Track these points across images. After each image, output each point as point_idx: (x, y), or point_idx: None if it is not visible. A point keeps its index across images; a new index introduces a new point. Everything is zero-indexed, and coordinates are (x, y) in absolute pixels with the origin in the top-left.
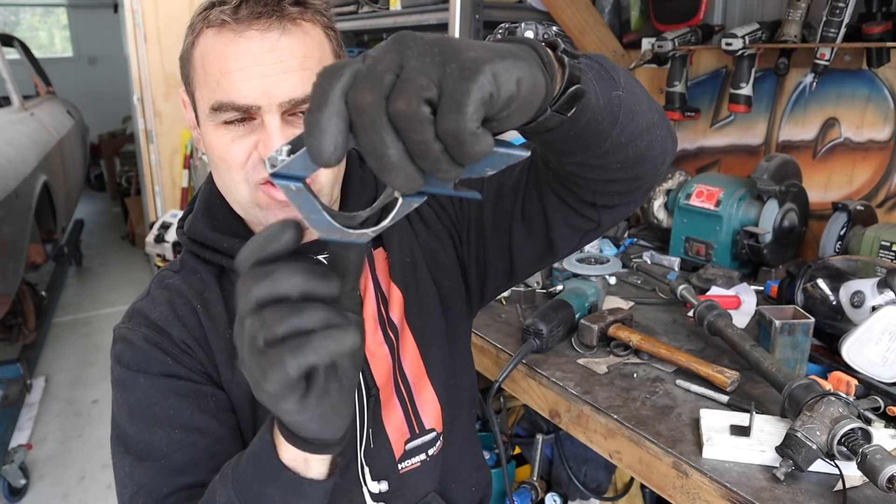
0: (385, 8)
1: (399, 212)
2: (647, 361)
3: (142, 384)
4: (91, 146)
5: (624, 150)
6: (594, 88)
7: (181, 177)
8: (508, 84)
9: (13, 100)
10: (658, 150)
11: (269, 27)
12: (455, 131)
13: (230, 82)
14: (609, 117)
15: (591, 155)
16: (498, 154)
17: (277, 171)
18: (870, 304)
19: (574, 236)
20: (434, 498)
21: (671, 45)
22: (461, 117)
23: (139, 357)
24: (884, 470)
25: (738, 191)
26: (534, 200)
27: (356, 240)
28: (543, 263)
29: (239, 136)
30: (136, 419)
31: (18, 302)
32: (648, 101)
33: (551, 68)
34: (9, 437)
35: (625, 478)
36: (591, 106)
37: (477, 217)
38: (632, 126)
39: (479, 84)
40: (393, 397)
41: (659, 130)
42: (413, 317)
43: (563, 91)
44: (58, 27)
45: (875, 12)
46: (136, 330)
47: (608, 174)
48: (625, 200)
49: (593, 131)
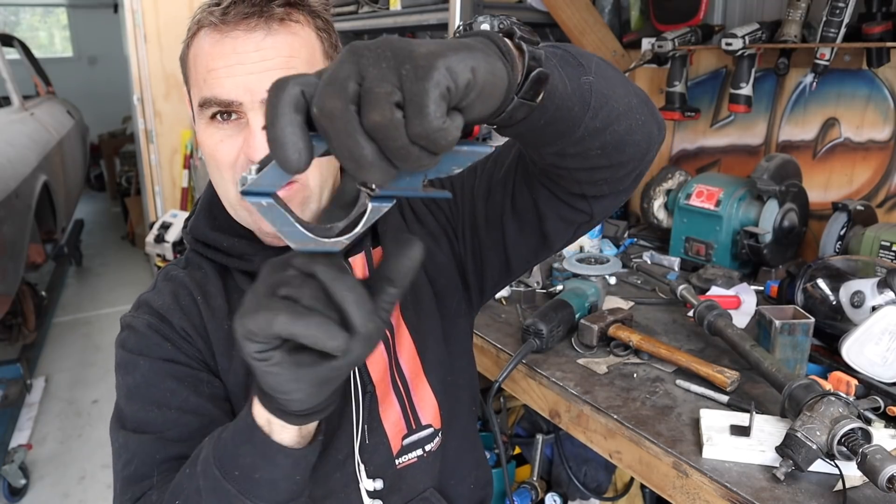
0: (385, 8)
1: (370, 217)
2: (647, 361)
3: (141, 366)
4: (91, 146)
5: (601, 135)
6: (560, 74)
7: (181, 177)
8: (463, 73)
9: (13, 100)
10: (640, 135)
11: (254, 27)
12: (424, 133)
13: (214, 78)
14: (580, 102)
15: (567, 143)
16: (462, 152)
17: (247, 188)
18: (870, 304)
19: (567, 229)
20: (432, 494)
21: (671, 45)
22: (426, 119)
23: (141, 342)
24: (884, 470)
25: (738, 191)
26: (524, 195)
27: (331, 248)
28: (539, 257)
29: (227, 135)
30: (134, 399)
31: (18, 302)
32: (625, 86)
33: (510, 56)
34: (9, 437)
35: (625, 478)
36: (558, 92)
37: (470, 214)
38: (606, 110)
39: (434, 81)
40: (390, 393)
41: (639, 114)
42: (409, 315)
43: (526, 77)
44: (58, 27)
45: (875, 12)
46: (140, 317)
47: (589, 161)
48: (614, 189)
49: (564, 117)
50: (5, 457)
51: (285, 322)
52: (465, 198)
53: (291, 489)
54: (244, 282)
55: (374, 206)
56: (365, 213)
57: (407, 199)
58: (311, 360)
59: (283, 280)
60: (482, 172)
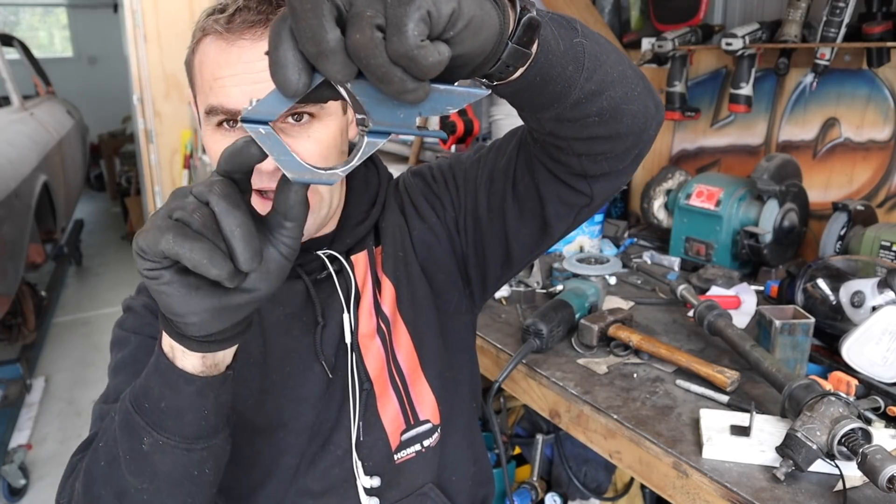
0: None
1: (365, 151)
2: (647, 361)
3: (132, 342)
4: (91, 146)
5: (597, 99)
6: (552, 32)
7: (181, 177)
8: (448, 2)
9: (13, 100)
10: (637, 106)
11: (260, 36)
12: (402, 50)
13: (220, 87)
14: (573, 63)
15: (564, 107)
16: (456, 92)
17: (246, 115)
18: (870, 304)
19: (569, 213)
20: (431, 489)
21: (671, 45)
22: (404, 38)
23: (136, 321)
24: (884, 470)
25: (738, 191)
26: (526, 180)
27: (327, 179)
28: (540, 246)
29: (231, 139)
30: (119, 372)
31: (18, 302)
32: (618, 54)
33: (501, 3)
34: (9, 437)
35: (625, 478)
36: (551, 48)
37: (473, 204)
38: (600, 73)
39: (416, 4)
40: (388, 389)
41: (633, 84)
42: (406, 310)
43: (518, 24)
44: (58, 27)
45: (875, 12)
46: (139, 299)
47: (587, 130)
48: (613, 167)
49: (559, 76)
50: (5, 457)
51: (170, 242)
52: (467, 188)
53: (199, 424)
54: None
55: (369, 141)
56: (360, 147)
57: (409, 197)
58: (203, 285)
59: (181, 205)
60: (484, 163)
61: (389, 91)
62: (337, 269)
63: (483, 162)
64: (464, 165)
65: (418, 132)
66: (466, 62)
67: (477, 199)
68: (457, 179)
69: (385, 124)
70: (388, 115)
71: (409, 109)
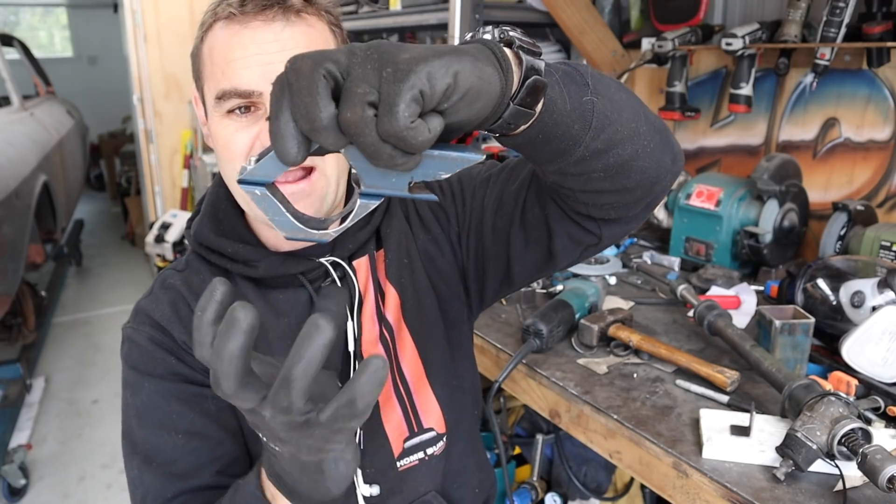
0: (385, 8)
1: (357, 213)
2: (647, 361)
3: (147, 388)
4: (91, 146)
5: (603, 157)
6: (560, 90)
7: (181, 177)
8: (443, 78)
9: (13, 100)
10: (648, 162)
11: (273, 18)
12: (392, 130)
13: (233, 70)
14: (580, 121)
15: (568, 162)
16: (450, 158)
17: (243, 177)
18: (870, 304)
19: (575, 249)
20: (434, 497)
21: (671, 45)
22: (394, 117)
23: (145, 358)
24: (884, 470)
25: (739, 191)
26: (535, 210)
27: (319, 239)
28: (542, 273)
29: (242, 126)
30: (143, 422)
31: (18, 302)
32: (634, 111)
33: (506, 63)
34: (9, 437)
35: (625, 478)
36: (557, 107)
37: (478, 222)
38: (609, 132)
39: (409, 83)
40: (392, 397)
41: (646, 141)
42: (411, 318)
43: (522, 85)
44: (57, 27)
45: (875, 12)
46: (141, 330)
47: (592, 184)
48: (622, 215)
49: (563, 135)
50: (5, 457)
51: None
52: (474, 206)
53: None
54: (247, 287)
55: (361, 203)
56: (353, 208)
57: (414, 206)
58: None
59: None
60: (495, 183)
61: (379, 165)
62: (340, 276)
63: (494, 182)
64: (473, 182)
65: (409, 195)
66: (462, 127)
67: (483, 219)
68: (465, 194)
69: (377, 188)
70: (380, 179)
71: (402, 175)
